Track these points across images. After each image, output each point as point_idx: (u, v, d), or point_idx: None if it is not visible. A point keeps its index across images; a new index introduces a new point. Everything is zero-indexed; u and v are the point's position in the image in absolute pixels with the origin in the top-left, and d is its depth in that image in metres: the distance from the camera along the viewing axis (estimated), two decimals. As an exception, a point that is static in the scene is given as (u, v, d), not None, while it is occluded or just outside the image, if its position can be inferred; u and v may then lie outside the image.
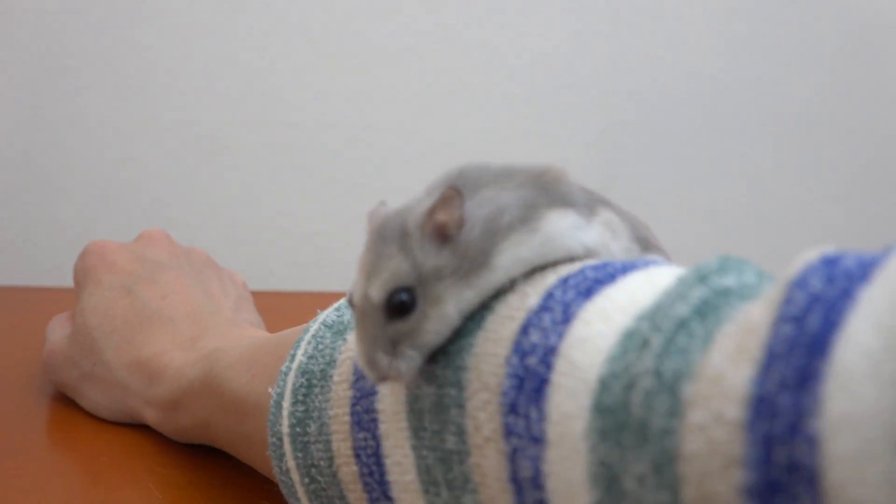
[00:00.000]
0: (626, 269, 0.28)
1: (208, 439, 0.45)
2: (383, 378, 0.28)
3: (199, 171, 0.79)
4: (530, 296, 0.28)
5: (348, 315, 0.35)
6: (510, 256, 0.28)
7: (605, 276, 0.28)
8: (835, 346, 0.20)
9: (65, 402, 0.51)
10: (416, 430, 0.29)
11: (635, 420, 0.23)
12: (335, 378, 0.33)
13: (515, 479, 0.26)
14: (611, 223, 0.30)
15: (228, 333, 0.47)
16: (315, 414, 0.33)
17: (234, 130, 0.78)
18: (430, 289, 0.27)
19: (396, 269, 0.27)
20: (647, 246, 0.31)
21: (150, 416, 0.47)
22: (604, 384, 0.24)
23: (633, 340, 0.25)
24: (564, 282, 0.28)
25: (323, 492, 0.33)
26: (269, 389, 0.36)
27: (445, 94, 0.80)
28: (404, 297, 0.27)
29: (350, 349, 0.33)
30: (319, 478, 0.33)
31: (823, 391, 0.20)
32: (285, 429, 0.34)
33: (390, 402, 0.30)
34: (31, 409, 0.51)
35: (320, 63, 0.78)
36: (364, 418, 0.31)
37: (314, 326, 0.36)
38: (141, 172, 0.78)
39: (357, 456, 0.31)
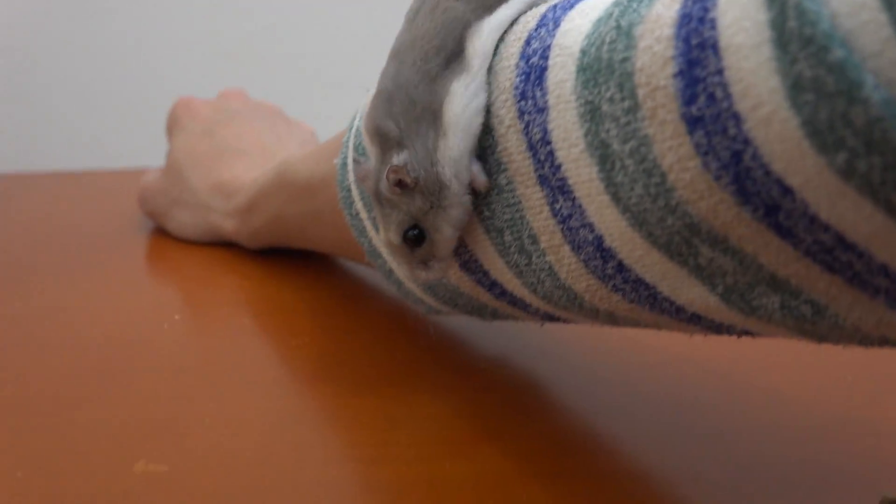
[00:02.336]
0: None
1: (281, 234, 0.51)
2: (426, 282, 0.38)
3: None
4: (529, 22, 0.35)
5: None
6: (452, 163, 0.35)
7: None
8: None
9: (158, 233, 0.59)
10: None
11: (605, 63, 0.30)
12: None
13: (531, 145, 0.33)
14: (482, 35, 0.35)
15: (295, 156, 0.54)
16: None
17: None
18: (427, 222, 0.35)
19: (397, 218, 0.35)
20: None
21: (229, 227, 0.54)
22: (583, 51, 0.31)
23: (603, 19, 0.32)
24: (554, 7, 0.35)
25: None
26: (334, 161, 0.43)
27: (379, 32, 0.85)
28: (415, 231, 0.35)
29: None
30: None
31: None
32: (351, 177, 0.41)
33: None
34: (132, 245, 0.59)
35: None
36: None
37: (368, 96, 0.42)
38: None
39: None
